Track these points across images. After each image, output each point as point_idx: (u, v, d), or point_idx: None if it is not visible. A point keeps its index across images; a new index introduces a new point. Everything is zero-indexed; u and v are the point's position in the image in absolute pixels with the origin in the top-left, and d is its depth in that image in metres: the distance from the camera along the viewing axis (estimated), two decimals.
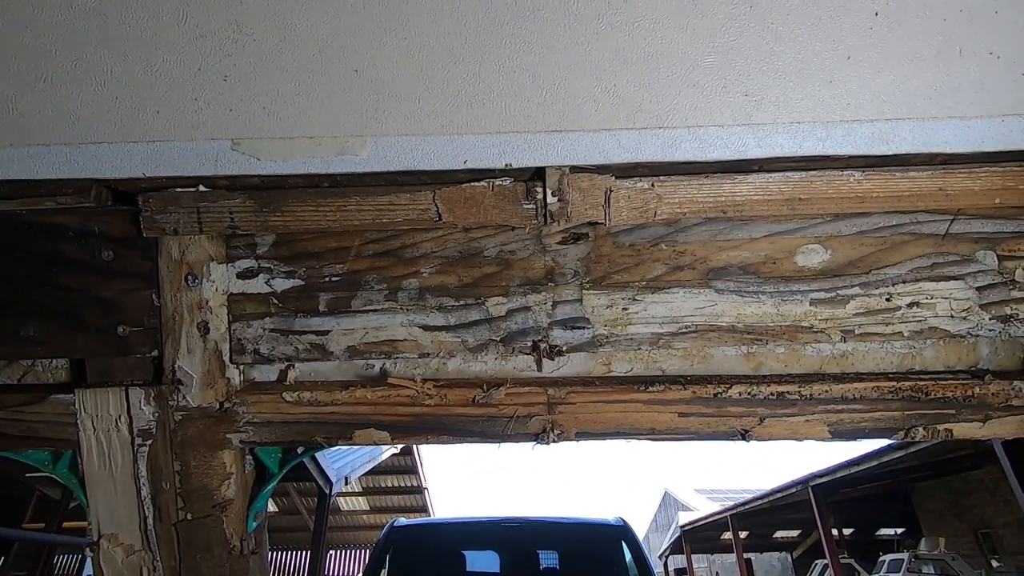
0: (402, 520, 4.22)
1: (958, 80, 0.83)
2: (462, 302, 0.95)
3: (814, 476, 11.72)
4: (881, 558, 14.90)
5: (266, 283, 0.96)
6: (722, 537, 20.09)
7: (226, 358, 0.96)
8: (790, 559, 21.42)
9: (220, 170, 0.88)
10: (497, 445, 0.96)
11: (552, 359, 0.94)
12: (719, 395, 0.92)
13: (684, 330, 0.94)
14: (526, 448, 0.96)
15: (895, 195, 0.87)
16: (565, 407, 0.93)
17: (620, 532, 3.93)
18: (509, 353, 0.95)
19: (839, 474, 11.20)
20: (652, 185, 0.88)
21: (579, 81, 0.86)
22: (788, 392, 0.92)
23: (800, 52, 0.85)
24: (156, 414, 0.95)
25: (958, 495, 14.18)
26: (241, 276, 0.96)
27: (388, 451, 11.67)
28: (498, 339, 0.95)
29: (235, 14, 0.85)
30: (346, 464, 9.35)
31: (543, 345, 0.93)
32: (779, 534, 21.15)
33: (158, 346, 0.95)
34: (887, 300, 0.92)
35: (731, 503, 17.68)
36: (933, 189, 0.87)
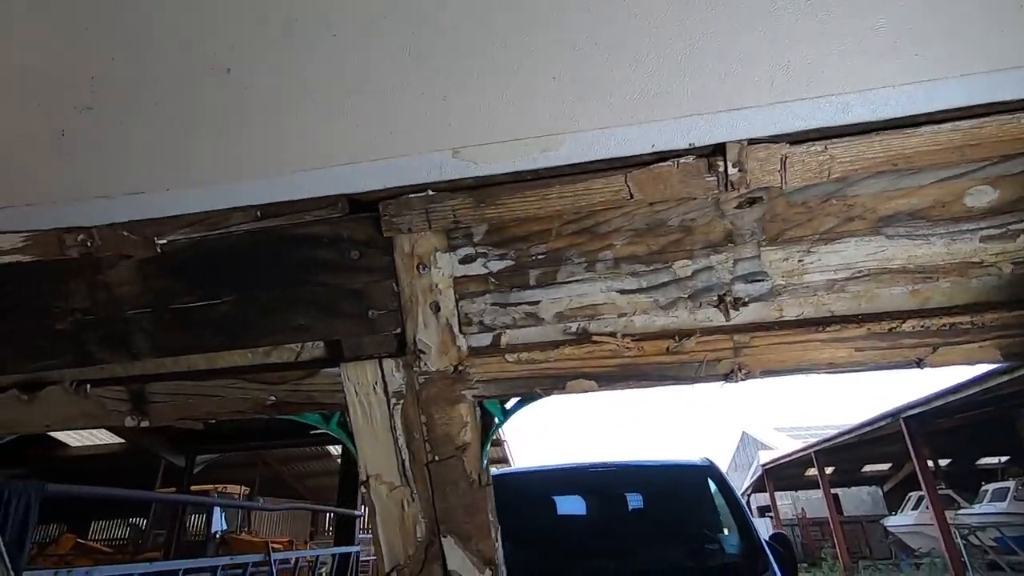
0: (492, 470, 4.48)
1: None
2: (652, 267, 1.10)
3: (906, 407, 11.33)
4: (984, 487, 14.36)
5: (483, 265, 1.14)
6: (806, 474, 19.91)
7: (456, 330, 1.16)
8: (880, 492, 20.99)
9: (444, 176, 1.06)
10: (689, 386, 1.12)
11: (737, 310, 1.08)
12: (893, 330, 1.03)
13: (857, 274, 1.05)
14: (714, 387, 1.11)
15: None
16: (750, 350, 1.08)
17: (707, 472, 4.04)
18: (696, 307, 1.10)
19: (933, 404, 10.76)
20: (825, 148, 0.98)
21: (754, 63, 0.96)
22: (960, 323, 1.02)
23: (970, 3, 0.90)
24: (405, 379, 1.17)
25: None
26: (462, 261, 1.15)
27: None
28: (686, 296, 1.09)
29: (451, 43, 1.01)
30: None
31: (728, 298, 1.07)
32: (868, 468, 20.71)
33: (401, 324, 1.17)
34: None
35: (813, 440, 17.40)
36: None
